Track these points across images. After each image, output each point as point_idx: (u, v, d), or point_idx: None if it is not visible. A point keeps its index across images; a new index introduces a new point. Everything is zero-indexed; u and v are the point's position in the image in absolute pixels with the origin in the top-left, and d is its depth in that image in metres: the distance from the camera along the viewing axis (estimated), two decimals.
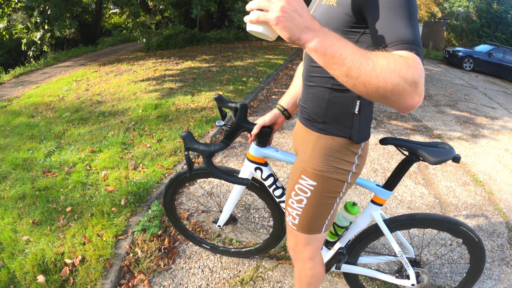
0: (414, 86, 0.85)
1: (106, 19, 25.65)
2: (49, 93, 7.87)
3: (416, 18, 0.97)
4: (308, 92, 1.37)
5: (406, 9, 0.95)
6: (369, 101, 1.30)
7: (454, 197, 3.70)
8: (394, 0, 0.96)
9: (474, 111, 7.77)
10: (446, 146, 1.59)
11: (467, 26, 23.63)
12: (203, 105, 5.85)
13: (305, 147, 1.42)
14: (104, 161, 3.90)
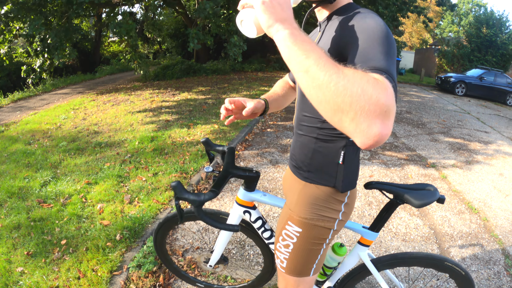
0: (380, 110, 0.75)
1: (105, 47, 26.01)
2: (46, 120, 7.94)
3: (393, 56, 0.98)
4: (297, 140, 1.43)
5: (383, 45, 0.98)
6: (355, 151, 1.35)
7: (449, 227, 3.75)
8: (373, 37, 1.01)
9: (467, 136, 7.92)
10: (430, 188, 1.64)
11: (458, 51, 24.27)
12: (199, 139, 5.97)
13: (292, 194, 1.46)
14: (100, 194, 3.95)
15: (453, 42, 25.62)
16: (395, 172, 5.23)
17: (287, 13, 0.91)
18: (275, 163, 5.18)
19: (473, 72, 18.02)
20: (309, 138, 1.36)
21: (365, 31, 1.04)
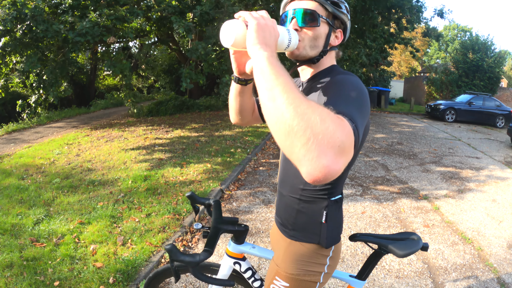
0: (334, 144, 0.74)
1: (101, 80, 26.31)
2: (40, 154, 8.01)
3: (363, 111, 1.03)
4: (281, 201, 1.50)
5: (356, 100, 1.04)
6: (337, 209, 1.41)
7: (443, 260, 3.78)
8: (347, 90, 1.10)
9: (459, 164, 8.04)
10: (414, 236, 1.69)
11: (446, 78, 24.74)
12: (192, 178, 6.05)
13: (278, 250, 1.52)
14: (93, 234, 3.99)
15: (440, 69, 26.20)
16: (388, 207, 5.30)
17: (272, 42, 0.98)
18: (268, 203, 5.25)
19: (462, 98, 18.51)
20: (292, 199, 1.42)
21: (341, 85, 1.14)
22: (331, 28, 1.34)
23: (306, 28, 1.29)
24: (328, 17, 1.32)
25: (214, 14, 9.15)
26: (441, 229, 4.61)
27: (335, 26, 1.36)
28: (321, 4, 1.30)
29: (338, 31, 1.38)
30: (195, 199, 1.78)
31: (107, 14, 8.19)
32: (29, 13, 7.79)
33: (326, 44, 1.34)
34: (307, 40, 1.30)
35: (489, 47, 24.23)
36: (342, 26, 1.39)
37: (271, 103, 0.80)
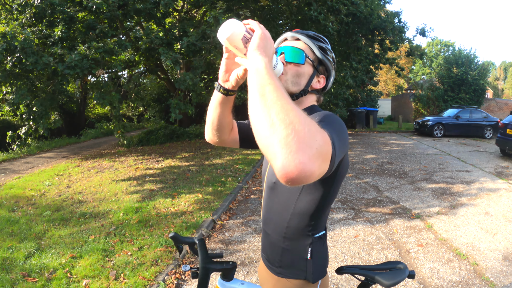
0: (313, 144, 0.79)
1: (91, 109, 26.33)
2: (31, 186, 7.99)
3: (343, 141, 1.08)
4: (266, 239, 1.53)
5: (335, 127, 1.10)
6: (322, 244, 1.45)
7: (438, 278, 3.79)
8: (327, 120, 1.15)
9: (450, 179, 8.11)
10: (400, 265, 1.73)
11: (432, 93, 25.10)
12: (183, 209, 6.06)
13: (267, 286, 1.55)
14: (85, 269, 3.98)
15: (426, 85, 26.60)
16: (380, 228, 5.32)
17: (270, 53, 1.05)
18: (260, 232, 5.24)
19: (449, 112, 18.85)
20: (277, 237, 1.45)
21: (323, 117, 1.19)
22: (315, 71, 1.42)
23: (291, 64, 1.38)
24: (314, 61, 1.41)
25: (201, 45, 9.31)
26: (435, 247, 4.64)
27: (319, 71, 1.44)
28: (310, 47, 1.41)
29: (321, 77, 1.45)
30: (179, 239, 1.79)
31: (96, 47, 8.30)
32: (19, 46, 7.89)
33: (307, 84, 1.40)
34: (290, 75, 1.37)
35: (472, 60, 24.78)
36: (326, 73, 1.47)
37: (260, 98, 0.86)
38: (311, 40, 1.40)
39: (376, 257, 4.38)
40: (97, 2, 8.60)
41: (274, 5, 13.40)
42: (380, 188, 7.63)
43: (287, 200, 1.39)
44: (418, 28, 15.74)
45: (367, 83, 21.95)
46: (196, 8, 14.11)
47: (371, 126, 22.18)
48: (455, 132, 17.75)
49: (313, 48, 1.40)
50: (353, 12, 12.42)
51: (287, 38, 1.46)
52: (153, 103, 23.02)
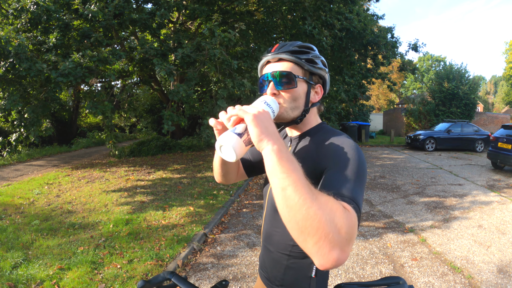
0: (342, 239, 0.86)
1: (83, 117, 26.20)
2: (19, 194, 7.90)
3: (362, 179, 1.12)
4: (268, 255, 1.47)
5: (356, 172, 1.11)
6: None
7: None
8: (346, 164, 1.13)
9: (442, 193, 8.13)
10: (399, 280, 1.64)
11: (423, 108, 25.29)
12: (175, 222, 5.98)
13: None
14: (73, 281, 3.90)
15: (418, 99, 26.83)
16: (374, 243, 5.29)
17: (273, 128, 1.01)
18: (252, 246, 5.19)
19: (440, 126, 19.07)
20: (281, 254, 1.40)
21: (341, 154, 1.17)
22: (310, 86, 1.35)
23: (284, 91, 1.31)
24: (305, 76, 1.34)
25: (195, 57, 9.32)
26: (430, 261, 4.62)
27: (314, 82, 1.37)
28: (296, 64, 1.32)
29: (317, 87, 1.39)
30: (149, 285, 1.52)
31: (90, 56, 8.26)
32: (12, 51, 7.83)
33: (307, 103, 1.35)
34: (287, 103, 1.31)
35: (463, 74, 25.09)
36: (321, 80, 1.41)
37: (285, 203, 0.89)
38: (295, 56, 1.32)
39: (371, 271, 4.34)
40: (93, 11, 8.59)
41: (269, 19, 13.49)
42: (373, 202, 7.62)
43: None
44: (410, 43, 15.94)
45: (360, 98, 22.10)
46: (191, 20, 14.16)
47: (363, 140, 22.29)
48: (447, 146, 17.93)
49: (300, 64, 1.32)
50: (347, 27, 12.56)
51: (270, 60, 1.36)
52: (145, 114, 22.99)
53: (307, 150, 1.31)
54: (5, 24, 9.98)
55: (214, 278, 4.22)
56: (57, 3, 9.23)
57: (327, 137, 1.28)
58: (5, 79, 8.79)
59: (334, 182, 1.09)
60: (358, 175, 1.12)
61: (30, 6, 8.74)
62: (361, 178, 1.12)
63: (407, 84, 61.35)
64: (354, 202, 1.01)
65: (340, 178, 1.10)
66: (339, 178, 1.10)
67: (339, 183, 1.08)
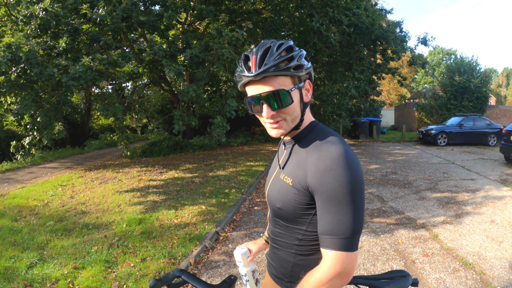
0: (340, 277, 1.15)
1: (95, 120, 26.48)
2: (34, 196, 8.03)
3: (358, 207, 1.15)
4: (274, 253, 1.47)
5: (344, 197, 1.13)
6: None
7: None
8: (334, 192, 1.13)
9: (454, 188, 8.05)
10: (404, 274, 1.69)
11: (435, 102, 25.03)
12: (187, 221, 6.04)
13: None
14: (87, 280, 3.97)
15: (429, 94, 26.57)
16: (385, 239, 5.26)
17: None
18: None
19: (452, 121, 18.85)
20: (287, 253, 1.39)
21: (328, 176, 1.15)
22: (301, 88, 1.28)
23: (281, 110, 1.24)
24: (295, 83, 1.25)
25: (204, 57, 9.38)
26: (441, 257, 4.58)
27: (303, 80, 1.29)
28: (283, 73, 1.21)
29: (306, 83, 1.31)
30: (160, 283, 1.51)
31: (100, 59, 8.37)
32: (23, 56, 7.97)
33: (302, 106, 1.30)
34: (288, 117, 1.26)
35: (474, 67, 24.72)
36: (305, 71, 1.28)
37: None
38: (284, 70, 1.20)
39: (381, 268, 4.34)
40: (101, 15, 8.70)
41: (276, 16, 13.51)
42: (384, 198, 7.58)
43: (297, 222, 1.33)
44: (419, 37, 15.83)
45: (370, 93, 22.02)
46: (199, 20, 14.24)
47: (374, 136, 22.16)
48: (459, 141, 17.72)
49: (289, 75, 1.22)
50: (355, 22, 12.52)
51: (251, 79, 1.22)
52: (156, 114, 23.14)
53: (299, 157, 1.30)
54: (15, 31, 10.17)
55: (225, 276, 4.23)
56: (66, 8, 9.38)
57: (316, 144, 1.25)
58: (17, 84, 8.95)
59: (322, 218, 1.19)
60: (347, 196, 1.14)
61: (39, 13, 8.88)
62: (351, 197, 1.15)
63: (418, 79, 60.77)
64: (341, 236, 1.15)
65: (325, 210, 1.17)
66: (325, 212, 1.18)
67: (325, 219, 1.18)
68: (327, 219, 1.18)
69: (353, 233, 1.15)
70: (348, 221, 1.15)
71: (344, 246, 1.15)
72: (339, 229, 1.15)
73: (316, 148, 1.24)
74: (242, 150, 15.33)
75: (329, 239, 1.16)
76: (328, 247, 1.17)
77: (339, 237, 1.15)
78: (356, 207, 1.16)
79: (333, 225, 1.16)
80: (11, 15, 12.36)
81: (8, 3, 12.22)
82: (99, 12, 8.78)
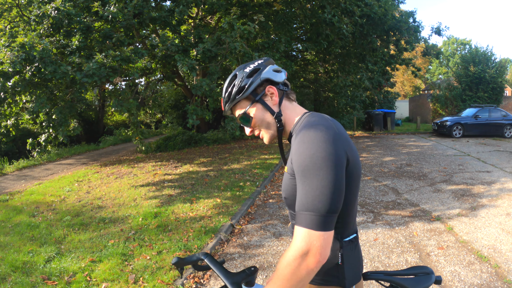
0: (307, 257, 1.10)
1: (109, 116, 26.73)
2: (51, 192, 8.17)
3: (333, 182, 1.14)
4: None
5: (314, 173, 1.15)
6: (353, 248, 1.40)
7: (459, 281, 3.71)
8: (304, 164, 1.16)
9: (470, 180, 7.96)
10: (427, 270, 1.64)
11: (450, 93, 24.62)
12: (202, 214, 6.08)
13: None
14: (104, 273, 4.03)
15: (444, 85, 26.12)
16: (400, 231, 5.22)
17: None
18: (279, 236, 5.22)
19: (467, 112, 18.57)
20: None
21: (300, 149, 1.20)
22: (260, 99, 1.41)
23: (251, 125, 1.45)
24: (251, 99, 1.41)
25: (216, 51, 9.38)
26: (456, 249, 4.53)
27: (259, 92, 1.41)
28: (237, 103, 1.44)
29: (267, 90, 1.41)
30: (183, 262, 1.64)
31: (113, 55, 8.44)
32: (37, 55, 8.08)
33: (272, 112, 1.41)
34: (261, 127, 1.45)
35: (489, 57, 24.23)
36: (267, 82, 1.41)
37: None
38: (232, 101, 1.43)
39: (396, 260, 4.32)
40: (113, 12, 8.76)
41: (288, 9, 13.42)
42: (399, 190, 7.52)
43: None
44: (433, 27, 15.61)
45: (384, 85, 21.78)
46: (210, 14, 14.24)
47: (389, 128, 21.97)
48: (475, 132, 17.42)
49: (238, 100, 1.42)
50: (367, 13, 12.37)
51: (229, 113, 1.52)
52: (170, 109, 23.25)
53: (291, 151, 1.33)
54: (28, 31, 10.28)
55: (241, 268, 4.26)
56: (77, 7, 9.46)
57: (300, 130, 1.30)
58: (32, 83, 9.08)
59: (297, 200, 1.20)
60: (319, 168, 1.15)
61: (51, 12, 8.98)
62: (324, 170, 1.15)
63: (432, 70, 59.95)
64: (312, 212, 1.13)
65: (301, 192, 1.18)
66: (300, 193, 1.18)
67: (299, 196, 1.18)
68: (300, 195, 1.18)
69: (325, 211, 1.12)
70: (318, 197, 1.13)
71: (313, 224, 1.12)
72: (310, 204, 1.14)
73: (298, 134, 1.28)
74: (256, 144, 15.32)
75: (300, 215, 1.16)
76: (297, 224, 1.16)
77: (309, 213, 1.13)
78: (331, 183, 1.14)
79: (303, 200, 1.16)
80: (23, 16, 12.50)
81: (20, 4, 12.36)
82: (111, 9, 8.84)
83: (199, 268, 1.67)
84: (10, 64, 7.92)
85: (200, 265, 1.66)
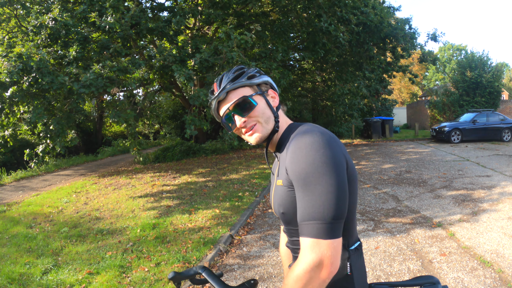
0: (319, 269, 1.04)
1: (107, 127, 26.73)
2: (48, 203, 8.12)
3: (335, 187, 1.10)
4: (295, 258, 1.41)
5: (315, 180, 1.10)
6: (359, 257, 1.36)
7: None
8: (304, 172, 1.12)
9: (470, 185, 7.91)
10: (433, 280, 1.56)
11: (447, 99, 24.62)
12: (201, 225, 6.03)
13: None
14: (101, 285, 3.98)
15: (441, 91, 26.17)
16: (401, 239, 5.17)
17: None
18: (278, 246, 5.17)
19: (465, 117, 18.62)
20: None
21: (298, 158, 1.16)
22: (264, 95, 1.39)
23: (250, 114, 1.34)
24: (255, 90, 1.37)
25: (214, 61, 9.40)
26: (459, 255, 4.49)
27: (264, 90, 1.40)
28: (243, 87, 1.36)
29: (270, 92, 1.42)
30: (180, 277, 1.59)
31: (110, 66, 8.44)
32: (34, 66, 8.07)
33: (272, 110, 1.38)
34: (260, 119, 1.35)
35: (486, 62, 24.28)
36: (268, 85, 1.43)
37: None
38: (238, 82, 1.36)
39: (398, 268, 4.27)
40: (110, 22, 8.78)
41: (284, 18, 13.50)
42: (399, 197, 7.48)
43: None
44: (429, 34, 15.74)
45: (381, 92, 21.87)
46: (207, 25, 14.30)
47: (387, 135, 21.98)
48: (473, 137, 17.48)
49: (246, 84, 1.36)
50: (363, 21, 12.46)
51: (219, 100, 1.39)
52: (168, 120, 23.29)
53: (282, 158, 1.32)
54: (26, 41, 10.30)
55: (240, 279, 4.22)
56: (75, 17, 9.50)
57: (292, 139, 1.27)
58: (29, 93, 9.06)
59: (300, 206, 1.14)
60: (319, 175, 1.11)
61: (49, 22, 9.01)
62: (325, 176, 1.11)
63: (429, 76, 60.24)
64: (319, 221, 1.08)
65: (302, 198, 1.14)
66: (302, 199, 1.13)
67: (302, 207, 1.13)
68: (302, 204, 1.14)
69: (331, 218, 1.09)
70: (324, 203, 1.09)
71: (320, 232, 1.08)
72: (316, 212, 1.09)
73: (291, 142, 1.25)
74: (255, 153, 15.30)
75: (305, 226, 1.11)
76: (303, 235, 1.11)
77: (315, 222, 1.09)
78: (335, 187, 1.10)
79: (308, 210, 1.11)
80: (21, 26, 12.54)
81: (18, 15, 12.42)
82: (108, 20, 8.86)
83: (197, 282, 1.63)
84: (8, 74, 7.91)
85: (198, 279, 1.62)
